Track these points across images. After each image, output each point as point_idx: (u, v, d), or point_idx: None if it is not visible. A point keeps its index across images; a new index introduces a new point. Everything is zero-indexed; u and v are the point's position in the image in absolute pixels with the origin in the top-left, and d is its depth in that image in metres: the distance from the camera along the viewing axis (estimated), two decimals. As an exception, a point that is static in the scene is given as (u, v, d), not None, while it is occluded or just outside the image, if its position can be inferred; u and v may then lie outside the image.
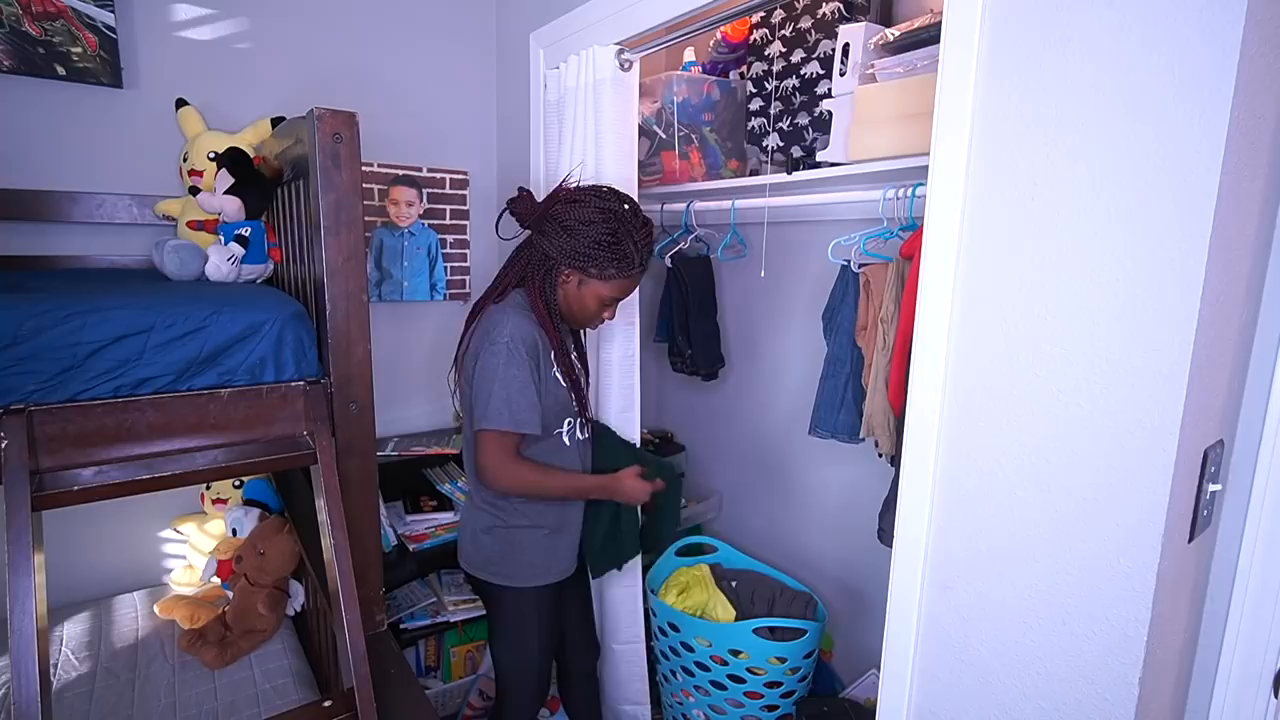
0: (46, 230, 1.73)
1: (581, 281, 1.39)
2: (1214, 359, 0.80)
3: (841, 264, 1.55)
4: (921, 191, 1.33)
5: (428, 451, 2.14)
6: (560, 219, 1.36)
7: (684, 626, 1.73)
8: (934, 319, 0.96)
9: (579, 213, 1.35)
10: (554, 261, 1.38)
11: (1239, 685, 0.96)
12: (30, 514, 1.01)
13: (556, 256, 1.36)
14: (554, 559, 1.51)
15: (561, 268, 1.38)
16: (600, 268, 1.36)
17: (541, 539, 1.48)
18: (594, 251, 1.34)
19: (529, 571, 1.48)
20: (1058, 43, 0.81)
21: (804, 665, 1.70)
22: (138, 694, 1.49)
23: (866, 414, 1.48)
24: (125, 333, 1.10)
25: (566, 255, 1.35)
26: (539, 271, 1.40)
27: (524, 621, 1.51)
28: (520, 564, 1.48)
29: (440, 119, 2.28)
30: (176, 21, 1.83)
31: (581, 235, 1.34)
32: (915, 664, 1.05)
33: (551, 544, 1.49)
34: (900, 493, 1.04)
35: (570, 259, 1.35)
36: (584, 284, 1.39)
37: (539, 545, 1.48)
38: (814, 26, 1.61)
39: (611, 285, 1.39)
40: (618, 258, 1.35)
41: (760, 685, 1.67)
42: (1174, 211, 0.74)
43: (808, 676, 1.74)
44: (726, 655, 1.67)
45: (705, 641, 1.71)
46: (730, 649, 1.67)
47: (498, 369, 1.33)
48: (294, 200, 1.45)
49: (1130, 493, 0.79)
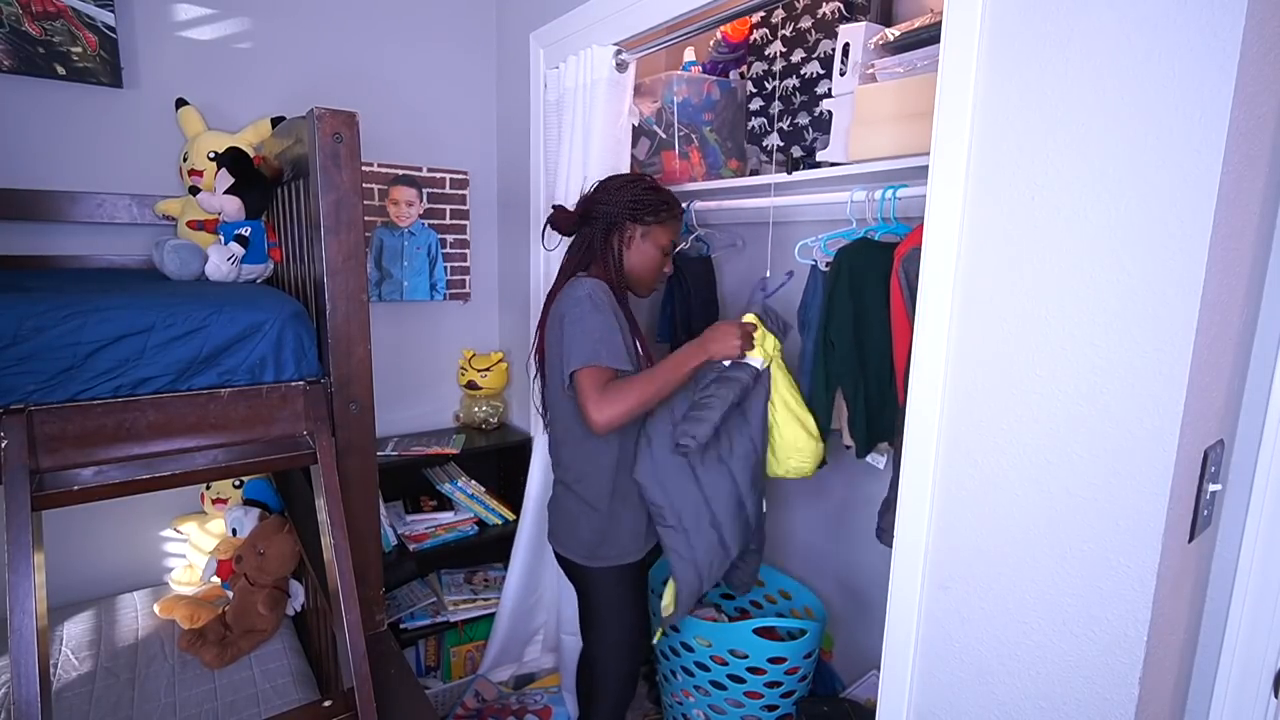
0: (46, 230, 1.73)
1: (644, 233, 1.51)
2: (1214, 359, 0.80)
3: (810, 263, 1.60)
4: (902, 193, 1.39)
5: (428, 451, 2.14)
6: (601, 198, 1.50)
7: (684, 627, 1.73)
8: (934, 319, 0.96)
9: (614, 183, 1.51)
10: (614, 224, 1.49)
11: (1239, 685, 0.96)
12: (30, 514, 1.01)
13: (616, 216, 1.49)
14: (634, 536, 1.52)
15: (624, 225, 1.49)
16: (654, 212, 1.50)
17: (623, 515, 1.50)
18: (644, 197, 1.49)
19: (616, 550, 1.50)
20: (1058, 42, 0.81)
21: (804, 665, 1.70)
22: (138, 694, 1.49)
23: (836, 407, 1.54)
24: (125, 332, 1.10)
25: (625, 210, 1.48)
26: (601, 243, 1.50)
27: (619, 601, 1.54)
28: (607, 543, 1.50)
29: (440, 119, 2.28)
30: (176, 21, 1.83)
31: (626, 192, 1.49)
32: (915, 664, 1.05)
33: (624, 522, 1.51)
34: (900, 493, 1.04)
35: (629, 212, 1.48)
36: (646, 235, 1.51)
37: (618, 524, 1.50)
38: (814, 26, 1.61)
39: (666, 228, 1.52)
40: (663, 201, 1.51)
41: (760, 685, 1.67)
42: (1174, 211, 0.74)
43: (807, 676, 1.74)
44: (726, 655, 1.67)
45: (705, 642, 1.71)
46: (730, 649, 1.67)
47: (582, 318, 1.38)
48: (294, 200, 1.45)
49: (1130, 493, 0.79)
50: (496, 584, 2.21)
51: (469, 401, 2.39)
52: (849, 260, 1.46)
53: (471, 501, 2.17)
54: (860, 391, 1.49)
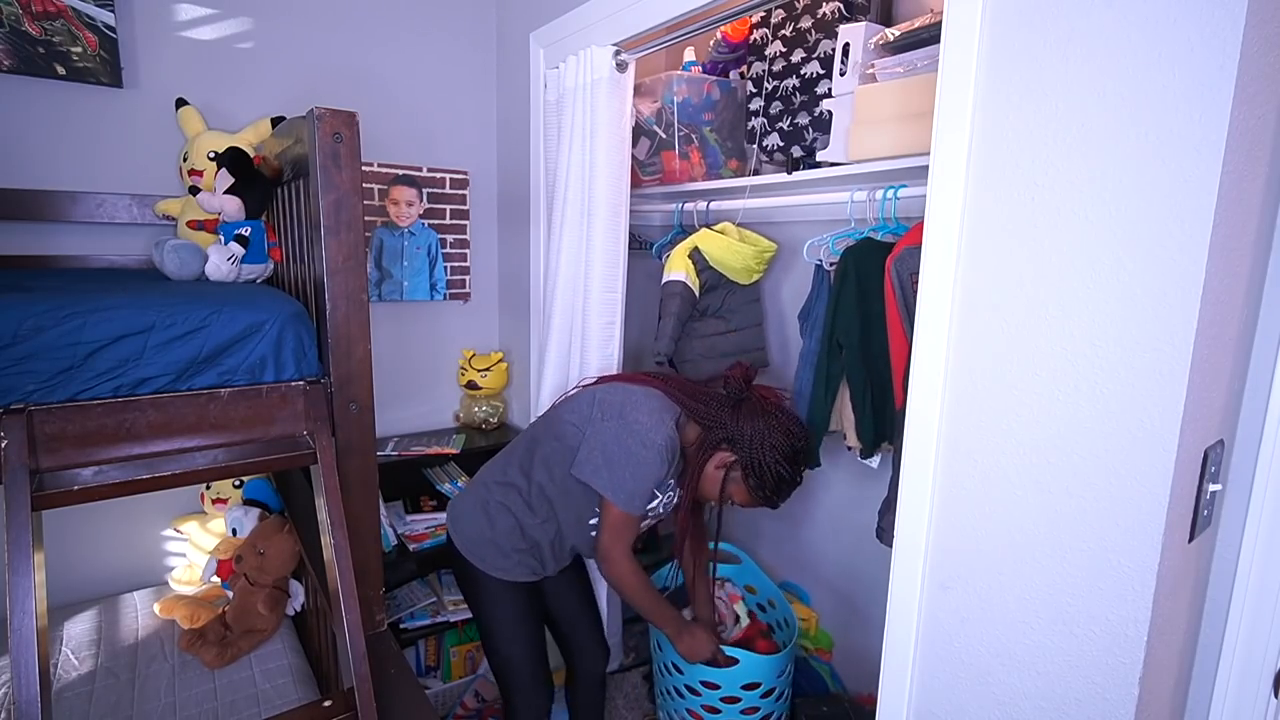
0: (46, 230, 1.73)
1: (729, 475, 1.40)
2: (1214, 359, 0.80)
3: (815, 263, 1.61)
4: (903, 193, 1.40)
5: (428, 451, 2.15)
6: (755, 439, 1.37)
7: (666, 647, 1.69)
8: (934, 319, 0.96)
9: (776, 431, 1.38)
10: (734, 443, 1.39)
11: (1239, 685, 0.96)
12: (30, 514, 1.01)
13: (737, 443, 1.38)
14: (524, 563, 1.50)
15: (732, 450, 1.39)
16: (758, 478, 1.38)
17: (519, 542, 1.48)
18: (765, 465, 1.36)
19: (502, 565, 1.48)
20: (1058, 43, 0.81)
21: (779, 684, 1.67)
22: (138, 694, 1.49)
23: (835, 408, 1.54)
24: (125, 332, 1.10)
25: (745, 448, 1.37)
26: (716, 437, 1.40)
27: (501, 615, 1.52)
28: (495, 555, 1.47)
29: (440, 119, 2.28)
30: (176, 21, 1.83)
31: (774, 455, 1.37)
32: (915, 664, 1.05)
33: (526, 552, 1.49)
34: (900, 493, 1.04)
35: (746, 451, 1.37)
36: (730, 477, 1.41)
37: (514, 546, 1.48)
38: (814, 26, 1.61)
39: (745, 493, 1.42)
40: (772, 483, 1.39)
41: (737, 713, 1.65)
42: (1174, 211, 0.74)
43: (784, 695, 1.71)
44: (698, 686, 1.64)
45: (679, 670, 1.68)
46: (701, 680, 1.64)
47: (649, 458, 1.34)
48: (294, 200, 1.45)
49: (1130, 493, 0.79)
50: (496, 584, 2.21)
51: (469, 401, 2.39)
52: (855, 261, 1.46)
53: (471, 501, 2.17)
54: (868, 393, 1.49)
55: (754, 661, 1.61)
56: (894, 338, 1.36)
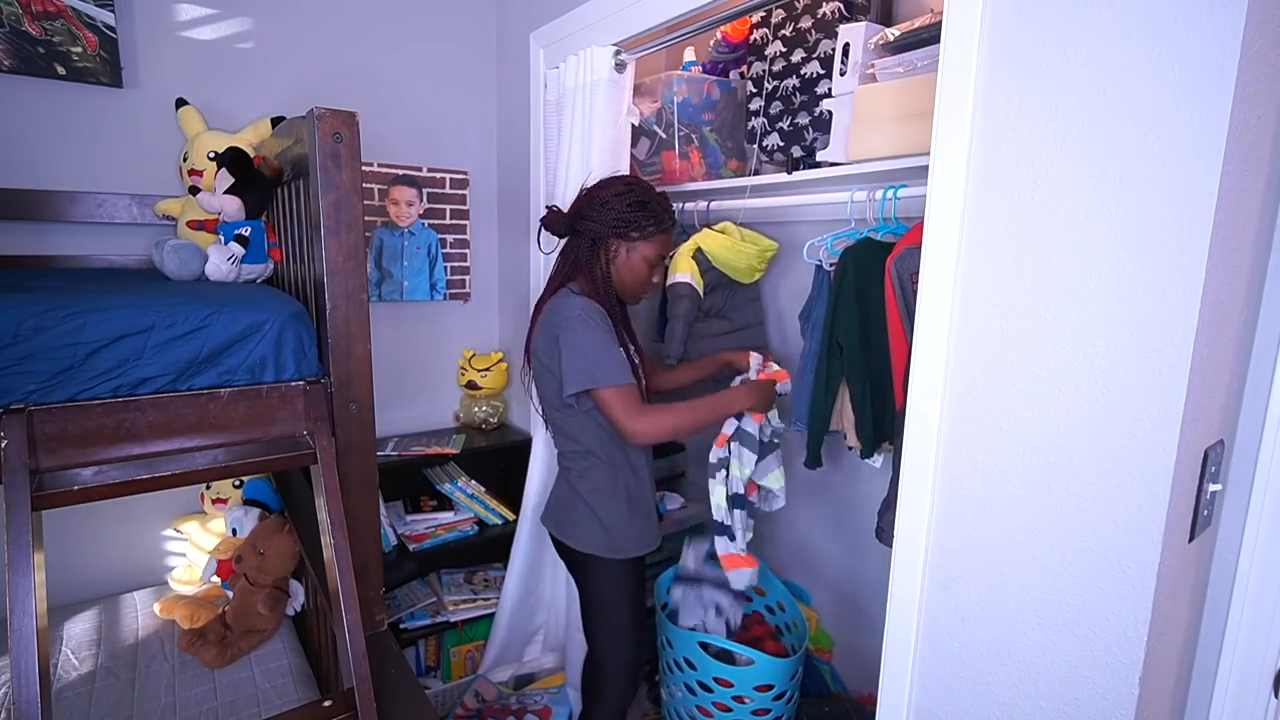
0: (46, 230, 1.73)
1: (629, 249, 1.51)
2: (1214, 359, 0.80)
3: (815, 263, 1.61)
4: (902, 193, 1.40)
5: (428, 451, 2.14)
6: (588, 213, 1.49)
7: (676, 642, 1.70)
8: (934, 318, 0.96)
9: (603, 194, 1.50)
10: (599, 240, 1.50)
11: (1239, 685, 0.96)
12: (30, 514, 1.01)
13: (600, 233, 1.49)
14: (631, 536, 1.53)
15: (609, 241, 1.50)
16: (640, 228, 1.49)
17: (622, 514, 1.52)
18: (630, 214, 1.48)
19: (617, 544, 1.52)
20: (1058, 43, 0.81)
21: (790, 687, 1.67)
22: (138, 694, 1.49)
23: (836, 408, 1.55)
24: (125, 332, 1.10)
25: (609, 227, 1.48)
26: (587, 257, 1.51)
27: (616, 592, 1.55)
28: (610, 535, 1.51)
29: (440, 119, 2.28)
30: (176, 21, 1.83)
31: (614, 206, 1.48)
32: (915, 664, 1.05)
33: (622, 520, 1.53)
34: (900, 493, 1.04)
35: (613, 229, 1.48)
36: (631, 250, 1.51)
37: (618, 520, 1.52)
38: (814, 26, 1.61)
39: (654, 242, 1.52)
40: (652, 215, 1.50)
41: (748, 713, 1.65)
42: (1174, 211, 0.74)
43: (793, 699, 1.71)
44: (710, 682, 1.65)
45: (692, 666, 1.69)
46: (714, 676, 1.64)
47: (585, 336, 1.42)
48: (294, 200, 1.45)
49: (1130, 493, 0.79)
50: (496, 584, 2.21)
51: (469, 401, 2.39)
52: (854, 261, 1.46)
53: (471, 501, 2.17)
54: (868, 393, 1.49)
55: (769, 663, 1.61)
56: (894, 338, 1.37)
